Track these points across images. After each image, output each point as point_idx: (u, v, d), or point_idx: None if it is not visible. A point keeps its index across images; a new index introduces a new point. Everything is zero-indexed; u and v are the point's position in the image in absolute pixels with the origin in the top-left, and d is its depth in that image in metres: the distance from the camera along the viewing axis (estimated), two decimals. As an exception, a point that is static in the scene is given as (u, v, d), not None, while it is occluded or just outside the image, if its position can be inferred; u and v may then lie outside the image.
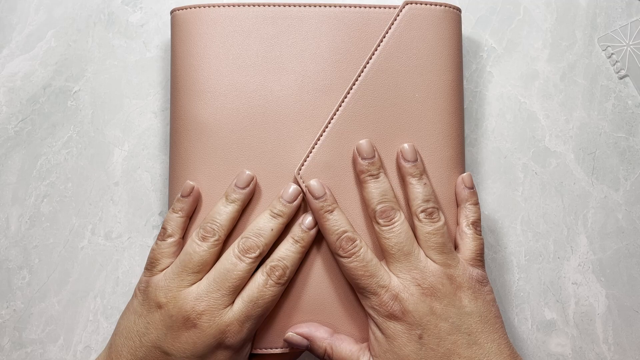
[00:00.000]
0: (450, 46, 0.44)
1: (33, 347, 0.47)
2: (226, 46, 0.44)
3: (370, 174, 0.41)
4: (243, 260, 0.39)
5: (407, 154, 0.41)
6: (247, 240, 0.39)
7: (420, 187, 0.41)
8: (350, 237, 0.40)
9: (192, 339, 0.37)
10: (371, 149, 0.41)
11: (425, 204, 0.40)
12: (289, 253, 0.40)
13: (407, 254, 0.39)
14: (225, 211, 0.40)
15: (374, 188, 0.41)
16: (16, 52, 0.50)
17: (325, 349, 0.40)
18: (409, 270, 0.39)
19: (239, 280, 0.38)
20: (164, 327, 0.38)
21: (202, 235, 0.40)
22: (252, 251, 0.39)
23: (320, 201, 0.40)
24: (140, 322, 0.39)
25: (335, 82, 0.44)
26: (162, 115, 0.49)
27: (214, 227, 0.40)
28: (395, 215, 0.40)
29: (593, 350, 0.48)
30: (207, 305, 0.38)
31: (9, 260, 0.48)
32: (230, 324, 0.38)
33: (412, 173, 0.41)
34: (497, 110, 0.50)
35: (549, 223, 0.49)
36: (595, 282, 0.49)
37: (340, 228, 0.40)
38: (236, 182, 0.41)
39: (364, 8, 0.44)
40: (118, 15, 0.50)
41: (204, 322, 0.38)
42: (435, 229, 0.40)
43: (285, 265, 0.39)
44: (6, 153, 0.49)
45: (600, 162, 0.50)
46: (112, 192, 0.49)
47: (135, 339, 0.38)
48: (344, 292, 0.42)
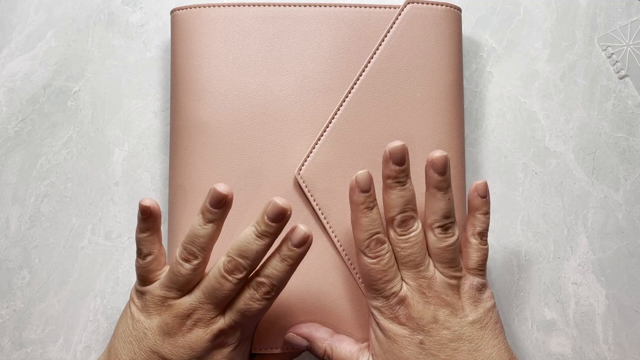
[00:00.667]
0: (451, 46, 0.44)
1: (33, 347, 0.47)
2: (226, 46, 0.44)
3: (398, 180, 0.39)
4: (230, 280, 0.38)
5: (439, 166, 0.39)
6: (231, 260, 0.38)
7: (444, 202, 0.39)
8: (381, 240, 0.39)
9: (189, 344, 0.38)
10: (404, 155, 0.39)
11: (445, 220, 0.39)
12: (275, 272, 0.38)
13: (418, 264, 0.39)
14: (203, 233, 0.38)
15: (399, 196, 0.39)
16: (16, 52, 0.50)
17: (325, 350, 0.41)
18: (417, 278, 0.39)
19: (226, 297, 0.38)
20: (161, 333, 0.38)
21: (184, 257, 0.38)
22: (237, 272, 0.38)
23: (365, 195, 0.39)
24: (138, 327, 0.39)
25: (335, 82, 0.44)
26: (162, 115, 0.49)
27: (194, 250, 0.38)
28: (413, 225, 0.39)
29: (593, 350, 0.48)
30: (200, 314, 0.38)
31: (9, 260, 0.48)
32: (223, 329, 0.38)
33: (439, 187, 0.39)
34: (497, 110, 0.50)
35: (549, 223, 0.49)
36: (595, 282, 0.49)
37: (375, 228, 0.39)
38: (209, 202, 0.37)
39: (365, 8, 0.44)
40: (118, 15, 0.50)
41: (199, 327, 0.38)
42: (448, 245, 0.39)
43: (271, 283, 0.38)
44: (6, 153, 0.49)
45: (600, 162, 0.50)
46: (112, 192, 0.49)
47: (134, 343, 0.39)
48: (344, 293, 0.42)
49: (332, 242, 0.43)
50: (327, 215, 0.43)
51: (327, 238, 0.43)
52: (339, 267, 0.43)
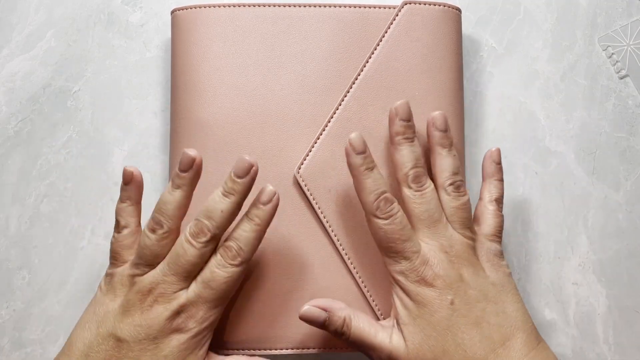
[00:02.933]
0: (450, 46, 0.44)
1: (33, 347, 0.47)
2: (226, 46, 0.44)
3: (407, 136, 0.40)
4: (193, 245, 0.37)
5: (439, 122, 0.40)
6: (197, 223, 0.37)
7: (450, 158, 0.40)
8: (389, 199, 0.38)
9: (146, 322, 0.37)
10: (409, 111, 0.40)
11: (454, 177, 0.40)
12: (242, 232, 0.37)
13: (436, 221, 0.39)
14: (171, 200, 0.38)
15: (409, 152, 0.39)
16: (16, 52, 0.50)
17: (345, 319, 0.39)
18: (437, 237, 0.39)
19: (191, 266, 0.37)
20: (121, 312, 0.37)
21: (151, 227, 0.38)
22: (202, 235, 0.37)
23: (362, 157, 0.38)
24: (100, 311, 0.38)
25: (335, 81, 0.44)
26: (162, 115, 0.49)
27: (161, 219, 0.38)
28: (426, 182, 0.39)
29: (593, 350, 0.48)
30: (163, 288, 0.37)
31: (9, 260, 0.48)
32: (184, 305, 0.37)
33: (443, 143, 0.40)
34: (497, 110, 0.50)
35: (549, 223, 0.49)
36: (595, 282, 0.49)
37: (380, 188, 0.38)
38: (179, 166, 0.38)
39: (364, 8, 0.44)
40: (118, 15, 0.50)
41: (160, 303, 0.37)
42: (461, 203, 0.40)
43: (238, 247, 0.37)
44: (6, 153, 0.49)
45: (600, 162, 0.50)
46: (112, 192, 0.49)
47: (92, 329, 0.38)
48: (343, 292, 0.42)
49: (331, 241, 0.43)
50: (327, 213, 0.43)
51: (326, 236, 0.43)
52: (339, 266, 0.43)
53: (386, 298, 0.42)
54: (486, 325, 0.38)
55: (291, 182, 0.43)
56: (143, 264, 0.38)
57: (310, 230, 0.43)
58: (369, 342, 0.38)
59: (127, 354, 0.37)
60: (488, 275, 0.39)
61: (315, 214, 0.43)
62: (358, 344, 0.39)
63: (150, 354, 0.37)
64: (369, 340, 0.38)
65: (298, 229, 0.43)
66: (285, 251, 0.43)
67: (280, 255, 0.42)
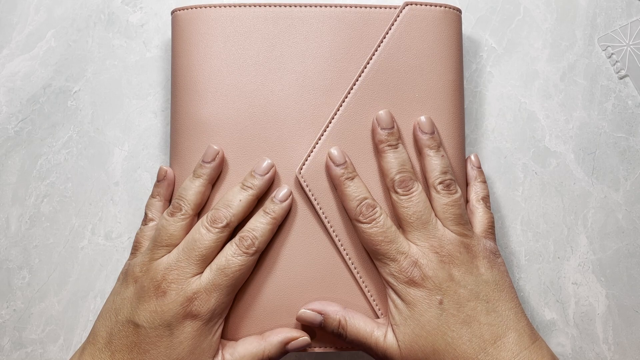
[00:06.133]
0: (450, 46, 0.44)
1: (33, 347, 0.47)
2: (227, 46, 0.44)
3: (390, 144, 0.41)
4: (210, 231, 0.39)
5: (424, 126, 0.42)
6: (216, 211, 0.40)
7: (437, 159, 0.41)
8: (371, 204, 0.40)
9: (161, 308, 0.38)
10: (390, 120, 0.42)
11: (443, 176, 0.41)
12: (258, 224, 0.40)
13: (425, 222, 0.40)
14: (191, 186, 0.41)
15: (393, 158, 0.41)
16: (16, 52, 0.50)
17: (340, 321, 0.40)
18: (427, 238, 0.39)
19: (207, 250, 0.39)
20: (136, 298, 0.38)
21: (170, 212, 0.41)
22: (219, 221, 0.39)
23: (342, 168, 0.41)
24: (117, 299, 0.39)
25: (336, 82, 0.44)
26: (162, 115, 0.49)
27: (181, 203, 0.41)
28: (413, 185, 0.40)
29: (593, 350, 0.48)
30: (176, 274, 0.38)
31: (9, 260, 0.48)
32: (198, 291, 0.38)
33: (430, 145, 0.41)
34: (497, 110, 0.50)
35: (549, 223, 0.49)
36: (595, 282, 0.49)
37: (361, 195, 0.41)
38: (203, 158, 0.41)
39: (365, 8, 0.44)
40: (118, 15, 0.50)
41: (173, 289, 0.38)
42: (452, 200, 0.40)
43: (254, 236, 0.40)
44: (6, 153, 0.49)
45: (600, 162, 0.50)
46: (112, 192, 0.49)
47: (112, 317, 0.39)
48: (344, 293, 0.42)
49: (332, 241, 0.43)
50: (328, 214, 0.43)
51: (328, 237, 0.43)
52: (340, 266, 0.43)
53: (386, 298, 0.42)
54: (476, 324, 0.38)
55: (293, 183, 0.43)
56: (158, 246, 0.40)
57: (312, 230, 0.43)
58: (365, 342, 0.40)
59: (145, 340, 0.38)
60: (482, 273, 0.39)
61: (316, 214, 0.43)
62: (356, 344, 0.40)
63: (166, 340, 0.38)
64: (365, 340, 0.40)
65: (299, 228, 0.43)
66: (287, 251, 0.43)
67: (282, 254, 0.42)
